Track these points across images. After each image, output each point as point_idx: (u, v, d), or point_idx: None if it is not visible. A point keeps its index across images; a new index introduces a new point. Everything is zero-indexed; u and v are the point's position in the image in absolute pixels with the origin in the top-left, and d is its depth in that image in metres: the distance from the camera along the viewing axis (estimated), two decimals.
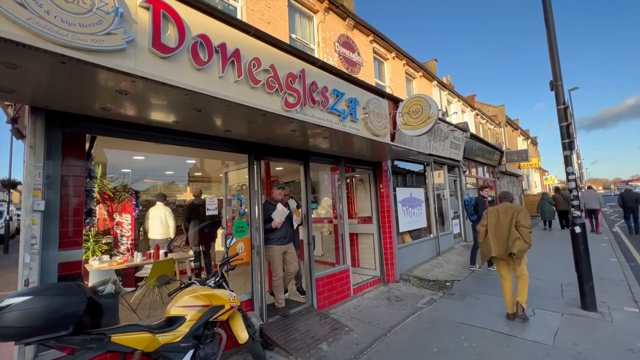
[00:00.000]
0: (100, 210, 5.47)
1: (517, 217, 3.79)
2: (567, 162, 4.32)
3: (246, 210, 4.09)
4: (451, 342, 3.42)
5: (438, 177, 9.08)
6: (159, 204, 5.66)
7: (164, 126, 3.08)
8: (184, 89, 2.18)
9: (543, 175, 31.81)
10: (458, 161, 9.84)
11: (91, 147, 3.42)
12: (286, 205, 4.24)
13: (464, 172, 10.67)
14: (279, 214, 4.01)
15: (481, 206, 6.46)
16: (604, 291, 4.57)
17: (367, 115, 5.00)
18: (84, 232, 4.90)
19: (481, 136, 12.90)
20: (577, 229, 4.14)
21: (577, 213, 4.21)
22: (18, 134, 3.32)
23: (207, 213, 3.85)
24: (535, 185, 26.56)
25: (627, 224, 10.42)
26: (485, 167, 13.53)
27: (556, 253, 7.72)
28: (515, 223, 3.78)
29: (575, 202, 4.25)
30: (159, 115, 2.83)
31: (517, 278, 3.91)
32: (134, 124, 2.93)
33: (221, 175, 5.62)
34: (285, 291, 4.46)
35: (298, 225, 4.53)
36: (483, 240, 4.07)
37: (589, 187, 14.93)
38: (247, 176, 3.97)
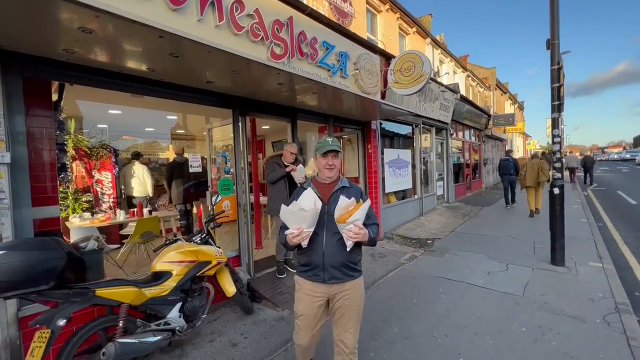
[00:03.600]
0: (77, 167, 5.23)
1: (541, 166, 7.82)
2: (555, 124, 4.33)
3: (232, 169, 3.98)
4: (430, 294, 3.63)
5: (425, 140, 9.07)
6: (135, 162, 5.47)
7: (139, 74, 2.83)
8: (157, 29, 1.95)
9: (526, 140, 32.49)
10: (446, 124, 9.80)
11: (60, 97, 3.14)
12: (296, 161, 3.83)
13: (451, 134, 10.70)
14: (307, 198, 3.77)
15: (515, 163, 9.51)
16: (572, 248, 4.88)
17: (357, 71, 4.77)
18: (61, 189, 4.77)
19: (471, 99, 12.77)
20: (556, 190, 4.29)
21: (558, 175, 4.33)
22: None
23: (191, 170, 3.71)
24: (518, 149, 27.20)
25: (585, 179, 15.98)
26: (472, 131, 13.61)
27: (537, 215, 8.11)
28: (540, 169, 7.81)
29: (557, 165, 4.35)
30: (132, 62, 2.57)
31: (537, 195, 8.05)
32: (105, 71, 2.67)
33: (205, 133, 5.39)
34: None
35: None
36: (523, 177, 8.00)
37: (570, 152, 19.73)
38: (232, 134, 3.80)
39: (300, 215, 1.61)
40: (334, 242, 1.71)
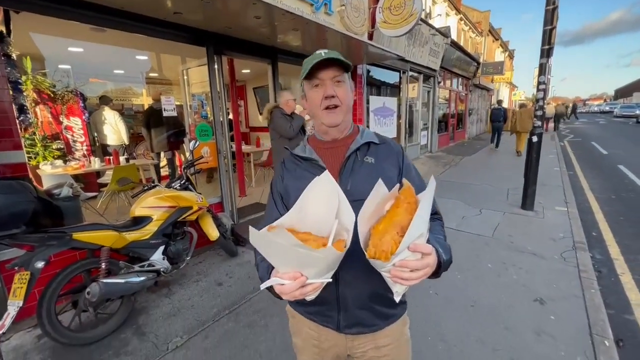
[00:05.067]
0: (42, 113, 4.86)
1: (530, 114, 8.51)
2: (542, 70, 4.26)
3: (209, 115, 3.79)
4: None
5: (412, 90, 8.85)
6: (105, 107, 5.12)
7: (96, 1, 2.49)
8: None
9: (512, 91, 32.34)
10: (435, 70, 9.51)
11: (8, 29, 2.76)
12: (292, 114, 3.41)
13: (439, 82, 10.46)
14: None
15: (505, 112, 10.80)
16: (542, 194, 5.15)
17: (343, 7, 4.39)
18: (26, 135, 4.48)
19: (462, 44, 12.27)
20: (535, 139, 4.38)
21: (538, 123, 4.38)
22: None
23: (165, 114, 3.49)
24: (504, 100, 27.18)
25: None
26: (460, 79, 13.33)
27: (511, 163, 8.40)
28: (529, 116, 8.45)
29: (539, 113, 4.37)
30: None
31: (523, 139, 8.90)
32: None
33: (180, 77, 5.01)
34: None
35: None
36: (514, 124, 9.34)
37: (548, 104, 20.73)
38: (208, 77, 3.54)
39: (306, 257, 0.65)
40: (355, 256, 0.75)
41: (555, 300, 2.48)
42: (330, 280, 0.69)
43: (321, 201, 0.75)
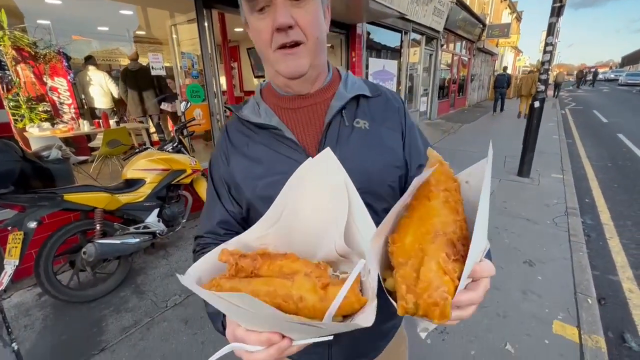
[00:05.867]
0: (24, 72, 4.62)
1: (534, 79, 8.82)
2: (551, 31, 4.04)
3: (200, 74, 3.61)
4: None
5: (414, 55, 8.48)
6: (91, 67, 4.87)
7: None
8: None
9: (517, 56, 31.25)
10: (438, 32, 9.06)
11: None
12: None
13: (442, 45, 10.02)
14: None
15: (509, 78, 11.65)
16: (540, 162, 5.14)
17: None
18: (9, 96, 4.29)
19: (467, 4, 11.59)
20: (537, 104, 4.27)
21: (542, 88, 4.25)
22: None
23: (153, 72, 3.32)
24: (508, 67, 26.33)
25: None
26: (464, 43, 12.77)
27: (510, 131, 8.31)
28: (533, 81, 8.88)
29: (543, 77, 4.23)
30: None
31: (527, 103, 8.72)
32: None
33: (168, 35, 4.70)
34: None
35: None
36: (519, 88, 10.12)
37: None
38: (197, 35, 3.31)
39: (290, 324, 0.39)
40: None
41: (544, 262, 2.55)
42: (331, 337, 0.42)
43: (315, 203, 0.49)
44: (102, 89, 4.94)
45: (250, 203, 0.61)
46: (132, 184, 2.40)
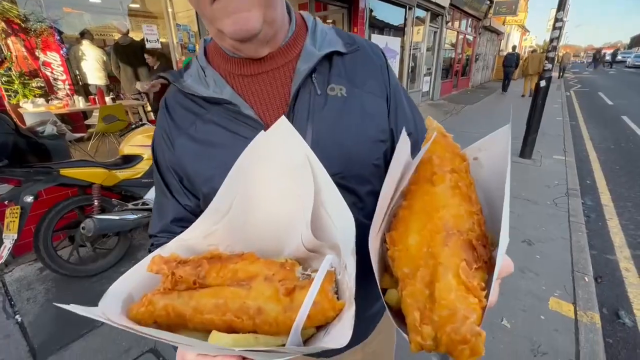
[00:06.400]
0: (15, 45, 4.47)
1: (541, 58, 9.08)
2: (561, 5, 3.88)
3: (197, 46, 3.49)
4: None
5: (417, 33, 8.20)
6: (85, 42, 4.70)
7: None
8: None
9: (523, 35, 30.38)
10: (444, 8, 8.74)
11: None
12: None
13: (447, 22, 9.69)
14: None
15: (517, 58, 11.81)
16: (542, 143, 5.08)
17: None
18: (1, 70, 4.17)
19: None
20: (543, 83, 4.16)
21: (549, 66, 4.13)
22: None
23: (147, 45, 3.20)
24: (516, 46, 25.66)
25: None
26: (470, 20, 12.36)
27: (516, 112, 8.18)
28: (540, 60, 9.15)
29: (551, 54, 4.10)
30: None
31: (533, 82, 7.77)
32: None
33: (163, 9, 4.50)
34: None
35: None
36: (526, 67, 9.95)
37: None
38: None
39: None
40: None
41: (542, 241, 2.56)
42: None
43: (273, 187, 0.41)
44: (97, 64, 4.81)
45: (208, 197, 0.47)
46: (129, 160, 2.36)
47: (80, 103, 4.07)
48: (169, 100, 0.55)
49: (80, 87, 5.13)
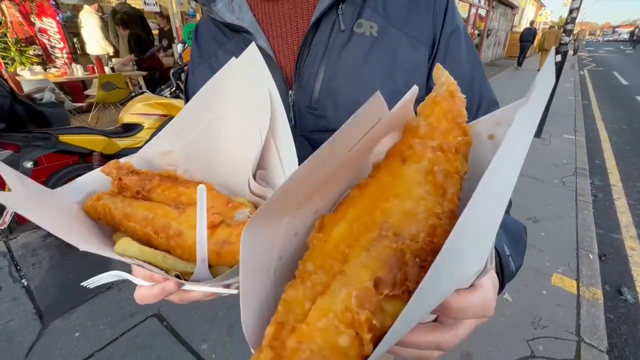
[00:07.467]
0: (9, 10, 4.31)
1: (557, 34, 9.34)
2: None
3: (198, 13, 3.33)
4: None
5: None
6: (86, 8, 4.50)
7: None
8: None
9: (539, 10, 28.98)
10: None
11: None
12: None
13: None
14: None
15: (535, 33, 11.83)
16: (552, 122, 4.94)
17: None
18: None
19: None
20: (558, 57, 3.98)
21: (566, 39, 3.93)
22: None
23: (146, 9, 3.06)
24: (527, 22, 24.56)
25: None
26: None
27: (524, 90, 7.94)
28: (556, 36, 9.50)
29: (569, 27, 3.89)
30: None
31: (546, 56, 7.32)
32: None
33: None
34: None
35: None
36: (542, 42, 10.27)
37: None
38: None
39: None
40: None
41: (548, 219, 2.53)
42: (236, 292, 0.33)
43: (237, 120, 0.39)
44: (95, 33, 4.63)
45: None
46: (130, 129, 2.31)
47: (79, 72, 3.97)
48: (200, 26, 0.54)
49: (79, 56, 4.98)
